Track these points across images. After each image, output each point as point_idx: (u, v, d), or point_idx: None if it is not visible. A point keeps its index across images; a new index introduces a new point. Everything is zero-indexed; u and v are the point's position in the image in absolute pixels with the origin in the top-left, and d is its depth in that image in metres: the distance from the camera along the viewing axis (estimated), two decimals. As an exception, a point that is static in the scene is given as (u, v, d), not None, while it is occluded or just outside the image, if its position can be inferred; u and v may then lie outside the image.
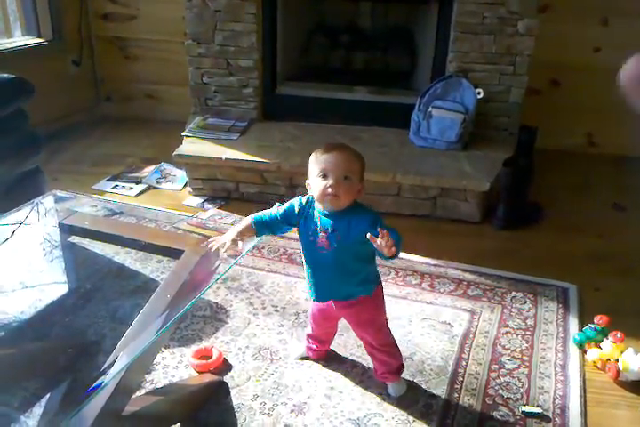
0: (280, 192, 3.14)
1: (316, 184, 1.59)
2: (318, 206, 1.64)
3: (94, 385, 1.27)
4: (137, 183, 3.33)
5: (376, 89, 3.52)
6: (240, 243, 1.64)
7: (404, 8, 3.59)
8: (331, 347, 2.04)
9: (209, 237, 1.71)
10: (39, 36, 3.94)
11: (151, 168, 3.50)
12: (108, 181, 3.37)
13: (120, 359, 1.34)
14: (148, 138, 4.00)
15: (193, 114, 3.65)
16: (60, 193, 2.12)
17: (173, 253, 1.82)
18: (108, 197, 3.19)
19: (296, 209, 1.68)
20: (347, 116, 3.49)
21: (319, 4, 3.56)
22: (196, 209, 3.09)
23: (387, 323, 1.85)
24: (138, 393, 1.79)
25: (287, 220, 1.70)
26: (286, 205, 1.71)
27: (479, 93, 3.22)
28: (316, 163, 1.59)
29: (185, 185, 3.31)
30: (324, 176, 1.56)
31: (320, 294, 1.75)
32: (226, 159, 3.11)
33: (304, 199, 1.69)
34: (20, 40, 3.84)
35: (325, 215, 1.63)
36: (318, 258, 1.66)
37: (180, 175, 3.39)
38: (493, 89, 3.24)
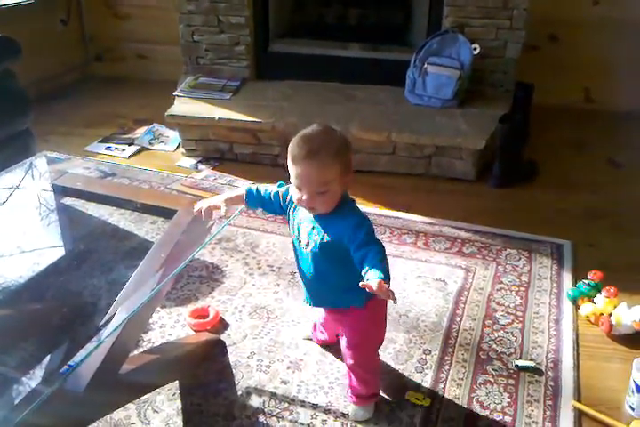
0: (274, 152, 3.11)
1: (292, 190, 1.47)
2: None
3: (90, 343, 1.28)
4: (129, 145, 3.30)
5: (371, 46, 3.45)
6: (223, 208, 1.57)
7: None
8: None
9: (202, 197, 1.70)
10: (26, -6, 3.84)
11: (143, 129, 3.46)
12: (99, 142, 3.34)
13: (117, 317, 1.35)
14: (140, 98, 3.94)
15: (184, 73, 3.59)
16: (51, 154, 2.10)
17: (167, 214, 1.81)
18: (100, 158, 3.16)
19: (287, 198, 1.56)
20: (341, 73, 3.43)
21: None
22: (190, 170, 3.07)
23: (377, 347, 1.70)
24: (135, 352, 1.82)
25: (277, 204, 1.59)
26: (283, 189, 1.59)
27: (475, 49, 3.16)
28: (291, 167, 1.42)
29: (178, 146, 3.28)
30: (299, 188, 1.42)
31: (311, 298, 1.63)
32: (219, 119, 3.07)
33: (290, 190, 1.55)
34: (6, -1, 3.74)
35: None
36: (301, 256, 1.56)
37: (173, 136, 3.36)
38: (490, 44, 3.18)
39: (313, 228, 1.49)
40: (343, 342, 1.66)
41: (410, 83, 3.23)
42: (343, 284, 1.51)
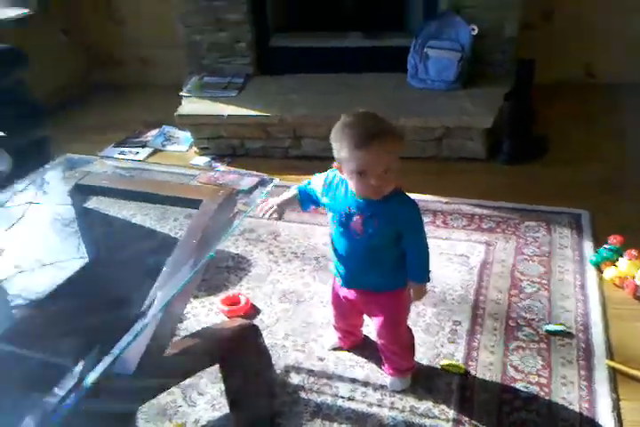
0: (285, 145, 3.15)
1: (352, 179, 1.41)
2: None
3: (136, 326, 1.32)
4: (142, 147, 3.35)
5: (369, 34, 3.49)
6: (278, 213, 1.63)
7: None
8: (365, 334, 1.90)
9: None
10: (26, 7, 3.88)
11: (154, 132, 3.50)
12: (113, 147, 3.38)
13: (158, 300, 1.39)
14: (147, 102, 3.98)
15: (189, 74, 3.63)
16: (72, 156, 2.14)
17: (192, 204, 1.85)
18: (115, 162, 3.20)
19: (322, 186, 1.54)
20: (343, 64, 3.46)
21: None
22: (205, 168, 3.11)
23: (406, 323, 1.72)
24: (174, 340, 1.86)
25: (315, 195, 1.58)
26: (320, 178, 1.57)
27: (473, 30, 3.18)
28: (350, 156, 1.36)
29: (190, 145, 3.32)
30: (362, 173, 1.37)
31: (348, 280, 1.62)
32: (228, 116, 3.11)
33: (331, 176, 1.54)
34: (6, 12, 3.78)
35: (363, 199, 1.46)
36: (349, 242, 1.53)
37: (184, 136, 3.40)
38: (487, 24, 3.21)
39: (370, 216, 1.46)
40: (376, 322, 1.67)
41: (412, 68, 3.27)
42: (393, 267, 1.55)
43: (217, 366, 1.82)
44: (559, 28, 3.64)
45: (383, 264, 1.54)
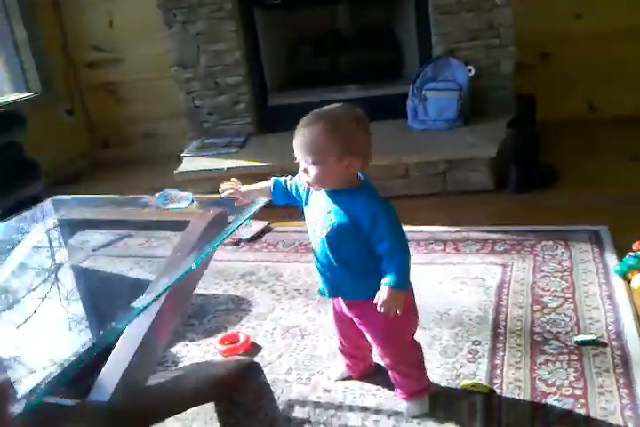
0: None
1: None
2: None
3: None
4: (143, 208, 3.29)
5: (366, 85, 3.50)
6: (242, 189, 1.57)
7: (380, 2, 3.61)
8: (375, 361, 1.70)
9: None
10: (28, 90, 3.99)
11: (156, 195, 3.46)
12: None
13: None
14: (150, 174, 3.96)
15: (190, 139, 3.64)
16: (59, 197, 2.08)
17: (179, 228, 1.76)
18: (116, 225, 3.14)
19: (303, 187, 1.49)
20: (342, 115, 3.46)
21: (297, 13, 3.59)
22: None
23: (411, 337, 1.54)
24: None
25: (298, 191, 1.52)
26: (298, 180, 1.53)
27: (470, 71, 3.19)
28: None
29: (191, 203, 3.26)
30: (298, 160, 1.38)
31: (329, 287, 1.50)
32: (228, 169, 3.07)
33: None
34: (10, 96, 3.88)
35: (329, 193, 1.41)
36: (317, 243, 1.44)
37: (186, 197, 3.34)
38: (483, 63, 3.22)
39: (329, 211, 1.40)
40: (371, 337, 1.52)
41: (411, 111, 3.25)
42: (361, 269, 1.42)
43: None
44: (557, 66, 3.64)
45: (352, 266, 1.41)
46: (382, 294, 1.34)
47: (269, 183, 1.57)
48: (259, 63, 3.55)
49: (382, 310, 1.34)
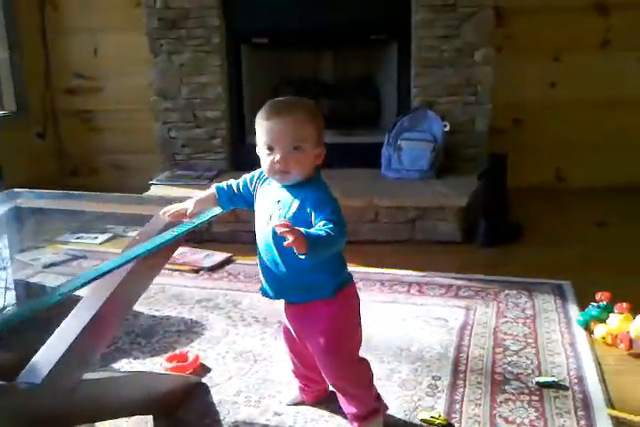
0: (253, 228, 3.02)
1: (262, 157, 1.37)
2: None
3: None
4: (102, 233, 3.20)
5: (343, 131, 3.54)
6: (190, 210, 1.51)
7: (364, 52, 3.70)
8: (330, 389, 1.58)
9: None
10: (2, 108, 3.92)
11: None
12: (71, 233, 3.23)
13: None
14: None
15: (161, 170, 3.60)
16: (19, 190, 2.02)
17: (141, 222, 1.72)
18: (71, 246, 3.03)
19: (256, 177, 1.47)
20: (316, 159, 3.47)
21: (283, 54, 3.66)
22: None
23: (356, 353, 1.47)
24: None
25: (246, 190, 1.50)
26: (250, 174, 1.51)
27: (446, 126, 3.25)
28: (261, 130, 1.35)
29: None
30: (270, 149, 1.33)
31: (271, 287, 1.45)
32: (196, 198, 3.02)
33: (257, 172, 1.48)
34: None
35: (282, 187, 1.39)
36: (262, 239, 1.41)
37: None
38: (459, 119, 3.28)
39: (278, 201, 1.37)
40: (316, 351, 1.43)
41: (385, 160, 3.27)
42: (305, 265, 1.32)
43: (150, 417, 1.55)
44: (528, 133, 3.73)
45: (296, 262, 1.28)
46: (296, 229, 1.22)
47: (212, 191, 1.54)
48: (240, 100, 3.56)
49: (282, 229, 1.21)
